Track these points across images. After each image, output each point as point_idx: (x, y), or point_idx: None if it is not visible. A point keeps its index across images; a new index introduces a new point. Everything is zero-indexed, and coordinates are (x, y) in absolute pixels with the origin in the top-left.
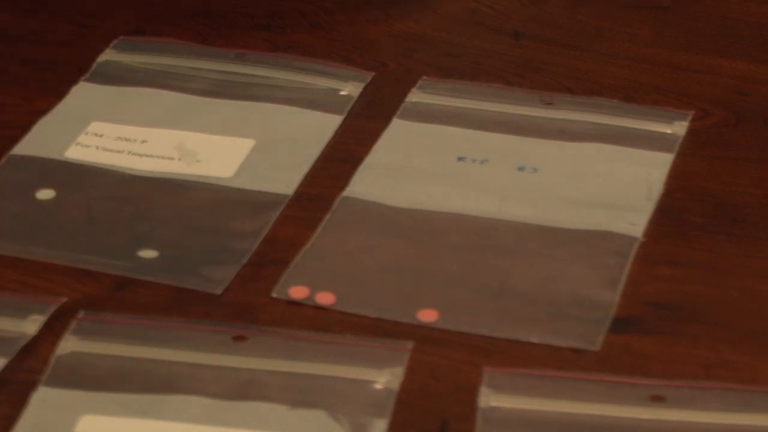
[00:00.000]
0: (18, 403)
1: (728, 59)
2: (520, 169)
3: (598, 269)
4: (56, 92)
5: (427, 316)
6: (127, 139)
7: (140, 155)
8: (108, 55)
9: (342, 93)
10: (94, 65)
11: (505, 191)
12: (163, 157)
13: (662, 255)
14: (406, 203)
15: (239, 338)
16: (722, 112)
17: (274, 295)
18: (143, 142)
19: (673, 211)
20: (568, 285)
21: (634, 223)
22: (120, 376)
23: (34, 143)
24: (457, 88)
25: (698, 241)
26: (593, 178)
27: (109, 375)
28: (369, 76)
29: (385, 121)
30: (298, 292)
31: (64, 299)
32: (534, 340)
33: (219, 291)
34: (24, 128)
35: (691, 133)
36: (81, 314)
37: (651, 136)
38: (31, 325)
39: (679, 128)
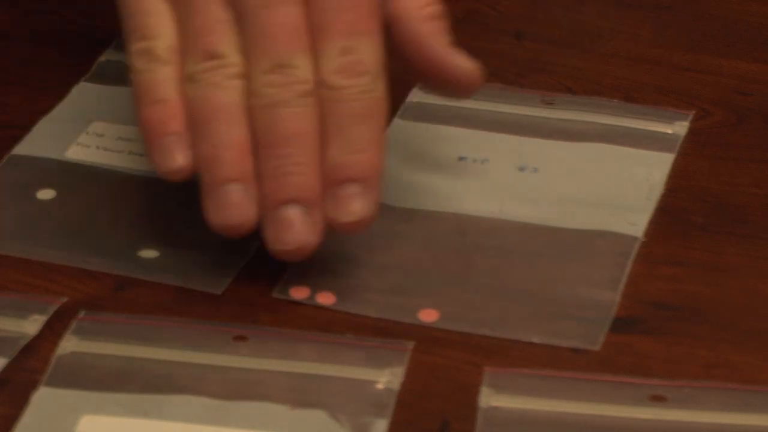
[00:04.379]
0: (18, 403)
1: (729, 59)
2: (521, 169)
3: (599, 269)
4: (57, 92)
5: (428, 316)
6: (128, 139)
7: (141, 155)
8: (109, 55)
9: None
10: (95, 65)
11: (506, 191)
12: None
13: (663, 255)
14: (407, 203)
15: (240, 338)
16: (723, 112)
17: (274, 295)
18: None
19: (673, 211)
20: (568, 285)
21: (635, 223)
22: (121, 376)
23: (35, 143)
24: None
25: (699, 241)
26: (594, 178)
27: (109, 375)
28: None
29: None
30: (298, 292)
31: (64, 299)
32: (535, 340)
33: (219, 291)
34: (24, 128)
35: (692, 133)
36: (82, 314)
37: (652, 136)
38: (31, 325)
39: (679, 128)
